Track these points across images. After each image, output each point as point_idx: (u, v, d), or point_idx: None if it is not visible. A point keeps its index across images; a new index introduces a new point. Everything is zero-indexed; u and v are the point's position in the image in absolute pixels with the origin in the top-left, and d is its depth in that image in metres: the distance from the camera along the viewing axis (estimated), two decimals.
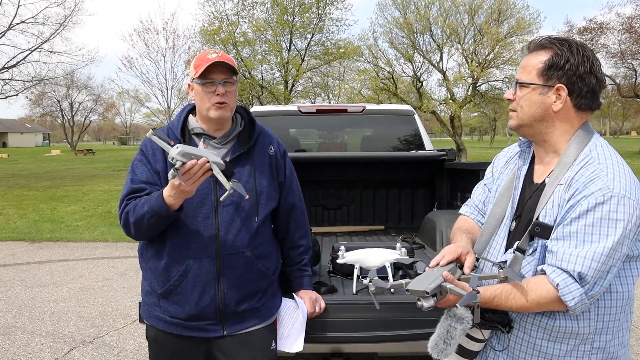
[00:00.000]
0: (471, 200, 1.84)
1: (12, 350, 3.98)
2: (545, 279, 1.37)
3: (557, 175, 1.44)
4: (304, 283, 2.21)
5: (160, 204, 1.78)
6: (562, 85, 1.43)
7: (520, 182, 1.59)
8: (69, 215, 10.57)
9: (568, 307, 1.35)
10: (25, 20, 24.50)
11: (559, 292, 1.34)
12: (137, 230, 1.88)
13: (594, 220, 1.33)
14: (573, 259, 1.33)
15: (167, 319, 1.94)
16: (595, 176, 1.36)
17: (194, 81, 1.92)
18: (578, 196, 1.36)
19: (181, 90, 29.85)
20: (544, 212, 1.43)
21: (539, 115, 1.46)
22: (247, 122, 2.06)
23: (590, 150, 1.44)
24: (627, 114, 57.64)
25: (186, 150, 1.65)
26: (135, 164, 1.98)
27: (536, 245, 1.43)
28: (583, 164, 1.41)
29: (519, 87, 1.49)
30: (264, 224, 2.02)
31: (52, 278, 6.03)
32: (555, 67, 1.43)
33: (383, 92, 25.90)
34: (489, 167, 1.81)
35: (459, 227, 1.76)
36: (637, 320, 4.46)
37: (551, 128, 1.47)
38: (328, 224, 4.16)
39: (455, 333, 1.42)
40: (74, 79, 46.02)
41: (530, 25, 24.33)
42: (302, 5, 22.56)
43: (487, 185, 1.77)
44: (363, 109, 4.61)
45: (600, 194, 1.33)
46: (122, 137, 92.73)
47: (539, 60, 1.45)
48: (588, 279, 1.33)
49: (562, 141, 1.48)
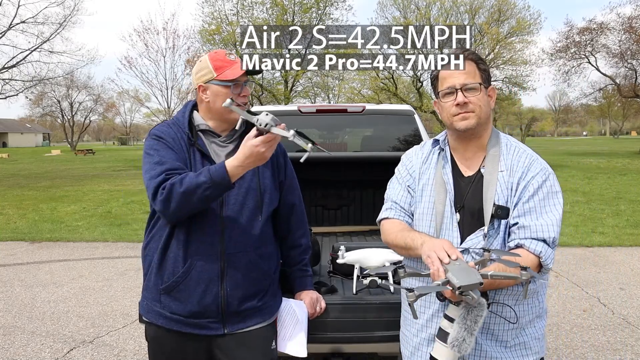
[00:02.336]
0: (393, 204, 1.86)
1: (12, 350, 3.98)
2: (524, 251, 1.59)
3: (492, 164, 1.69)
4: (305, 283, 2.21)
5: (222, 175, 1.72)
6: (493, 87, 1.77)
7: (449, 177, 1.76)
8: (69, 215, 10.57)
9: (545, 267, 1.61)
10: (25, 20, 24.53)
11: (542, 258, 1.59)
12: (181, 203, 1.76)
13: (544, 194, 1.64)
14: (545, 228, 1.60)
15: (167, 314, 1.94)
16: (531, 160, 1.69)
17: (213, 82, 1.91)
18: (527, 177, 1.65)
19: (181, 90, 29.84)
20: (496, 197, 1.65)
21: (488, 113, 1.74)
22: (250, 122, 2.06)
23: (509, 141, 1.76)
24: (627, 114, 57.64)
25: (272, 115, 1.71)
26: (156, 147, 1.88)
27: (496, 225, 1.64)
28: (512, 152, 1.72)
29: (471, 91, 1.69)
30: (266, 223, 2.02)
31: (52, 278, 6.03)
32: (487, 73, 1.75)
33: (383, 92, 25.92)
34: (402, 168, 1.91)
35: (403, 228, 1.79)
36: (637, 320, 4.47)
37: (488, 124, 1.76)
38: (328, 224, 4.16)
39: (480, 321, 1.49)
40: (74, 79, 46.00)
41: (530, 26, 24.35)
42: (302, 5, 22.57)
43: (411, 187, 1.84)
44: (363, 109, 4.60)
45: (542, 173, 1.66)
46: (122, 137, 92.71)
47: (473, 67, 1.72)
48: (556, 242, 1.62)
49: (486, 135, 1.76)
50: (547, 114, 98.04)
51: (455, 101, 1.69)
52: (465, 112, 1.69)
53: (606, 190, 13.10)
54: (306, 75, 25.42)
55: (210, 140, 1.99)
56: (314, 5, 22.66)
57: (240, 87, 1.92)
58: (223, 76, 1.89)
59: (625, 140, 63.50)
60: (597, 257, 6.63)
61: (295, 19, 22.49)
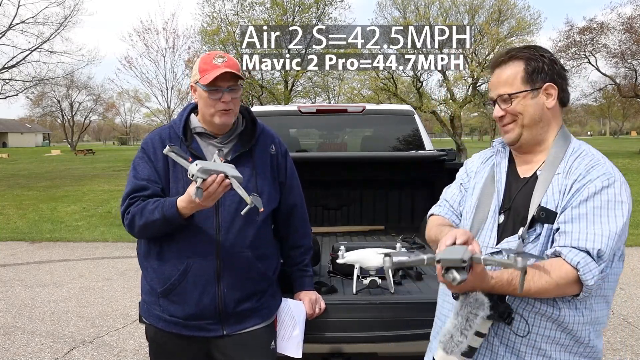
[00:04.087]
0: (443, 201, 1.80)
1: (12, 350, 3.98)
2: (561, 260, 1.36)
3: (550, 167, 1.50)
4: (305, 283, 2.21)
5: (173, 213, 1.79)
6: (551, 84, 1.52)
7: (502, 177, 1.61)
8: (69, 215, 10.57)
9: (585, 286, 1.35)
10: (25, 20, 24.48)
11: (579, 271, 1.33)
12: (142, 232, 1.90)
13: (602, 202, 1.39)
14: (591, 237, 1.36)
15: (166, 317, 1.94)
16: (595, 163, 1.46)
17: (198, 84, 1.91)
18: (583, 180, 1.43)
19: (181, 90, 29.83)
20: (545, 199, 1.46)
21: (538, 115, 1.52)
22: (249, 122, 2.06)
23: (580, 145, 1.54)
24: (627, 114, 57.56)
25: (205, 167, 1.65)
26: (137, 161, 1.98)
27: (539, 231, 1.45)
28: (576, 155, 1.50)
29: (506, 101, 1.53)
30: (264, 224, 2.02)
31: (52, 278, 6.03)
32: (537, 71, 1.52)
33: (383, 92, 25.91)
34: (462, 169, 1.82)
35: (440, 224, 1.69)
36: (637, 320, 4.47)
37: (546, 127, 1.55)
38: (328, 224, 4.16)
39: (475, 321, 1.35)
40: (74, 79, 45.92)
41: (530, 26, 24.35)
42: (301, 5, 22.56)
43: (464, 185, 1.76)
44: (363, 109, 4.61)
45: (605, 178, 1.41)
46: (122, 137, 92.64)
47: (515, 70, 1.53)
48: (605, 257, 1.35)
49: (550, 138, 1.56)
50: None
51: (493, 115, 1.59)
52: (506, 124, 1.56)
53: None
54: (306, 75, 25.39)
55: (207, 142, 1.99)
56: (314, 5, 22.65)
57: (220, 93, 1.88)
58: (202, 80, 1.88)
59: (625, 140, 63.47)
60: None
61: (295, 19, 22.48)
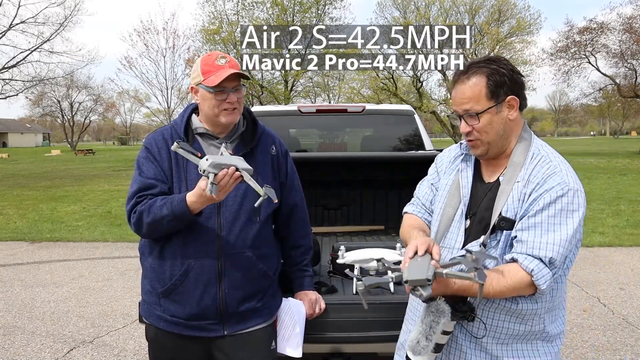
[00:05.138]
0: (417, 199, 1.88)
1: (12, 350, 3.98)
2: (517, 266, 1.50)
3: (511, 174, 1.59)
4: (305, 284, 2.21)
5: (183, 209, 1.78)
6: (513, 96, 1.59)
7: (468, 181, 1.70)
8: (69, 215, 10.57)
9: (539, 290, 1.49)
10: (26, 20, 24.56)
11: (533, 277, 1.47)
12: (150, 230, 1.87)
13: (556, 211, 1.50)
14: (543, 246, 1.48)
15: (167, 318, 1.94)
16: (552, 172, 1.54)
17: (201, 86, 1.90)
18: (540, 190, 1.52)
19: (181, 90, 29.85)
20: (505, 207, 1.56)
21: (502, 129, 1.60)
22: (250, 122, 2.07)
23: (539, 150, 1.61)
24: (627, 114, 57.59)
25: (216, 161, 1.66)
26: (142, 161, 1.96)
27: (499, 238, 1.56)
28: (536, 162, 1.58)
29: (473, 118, 1.59)
30: (265, 224, 2.02)
31: (52, 278, 6.03)
32: (499, 85, 1.57)
33: (383, 92, 25.92)
34: (432, 167, 1.89)
35: (411, 225, 1.79)
36: (637, 320, 4.47)
37: (509, 138, 1.63)
38: (328, 224, 4.16)
39: (437, 328, 1.48)
40: (74, 79, 46.04)
41: (530, 26, 24.36)
42: (301, 5, 22.57)
43: (434, 185, 1.83)
44: (363, 109, 4.60)
45: (559, 188, 1.50)
46: (122, 137, 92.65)
47: (478, 86, 1.58)
48: (557, 264, 1.49)
49: (512, 144, 1.64)
50: (546, 114, 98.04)
51: (460, 129, 1.64)
52: (471, 140, 1.62)
53: (606, 190, 13.10)
54: (306, 75, 25.41)
55: (208, 142, 1.99)
56: (314, 5, 22.66)
57: (226, 93, 1.88)
58: (207, 81, 1.87)
59: (625, 140, 63.49)
60: (597, 257, 6.62)
61: (295, 19, 22.49)
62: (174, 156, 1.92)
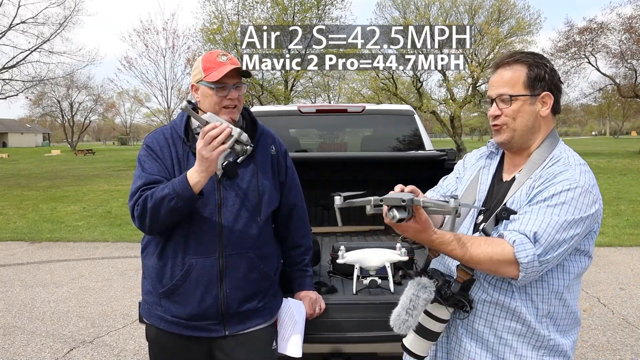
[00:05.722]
0: (438, 187, 1.92)
1: (12, 350, 3.99)
2: (502, 239, 1.46)
3: (527, 171, 1.57)
4: (305, 284, 2.21)
5: (183, 184, 1.76)
6: (549, 93, 1.57)
7: (487, 179, 1.70)
8: (69, 215, 10.57)
9: (520, 265, 1.41)
10: (26, 20, 24.55)
11: (515, 249, 1.42)
12: (153, 216, 1.81)
13: (557, 202, 1.45)
14: (532, 222, 1.44)
15: (168, 318, 1.94)
16: (564, 169, 1.51)
17: (202, 83, 1.91)
18: (546, 183, 1.49)
19: (181, 90, 29.85)
20: (511, 199, 1.55)
21: (531, 122, 1.58)
22: (249, 122, 2.07)
23: (560, 153, 1.58)
24: (627, 114, 57.56)
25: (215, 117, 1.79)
26: (144, 158, 1.95)
27: (501, 230, 1.53)
28: (552, 162, 1.55)
29: (505, 102, 1.57)
30: (266, 224, 2.02)
31: (52, 278, 6.03)
32: (539, 78, 1.56)
33: (383, 92, 25.93)
34: (460, 162, 1.91)
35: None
36: (637, 320, 4.47)
37: (536, 134, 1.60)
38: (328, 224, 4.15)
39: (418, 302, 1.48)
40: (74, 79, 46.02)
41: (530, 26, 24.36)
42: (302, 5, 22.57)
43: (459, 178, 1.85)
44: (363, 109, 4.60)
45: (567, 183, 1.47)
46: (122, 137, 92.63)
47: (518, 73, 1.57)
48: (542, 241, 1.42)
49: (537, 144, 1.61)
50: None
51: (488, 113, 1.62)
52: (497, 125, 1.60)
53: (606, 190, 13.09)
54: (306, 75, 25.41)
55: None
56: (314, 5, 22.66)
57: (227, 90, 1.89)
58: (209, 77, 1.88)
59: (625, 140, 63.48)
60: (597, 257, 6.63)
61: (296, 19, 22.48)
62: (175, 156, 1.93)
